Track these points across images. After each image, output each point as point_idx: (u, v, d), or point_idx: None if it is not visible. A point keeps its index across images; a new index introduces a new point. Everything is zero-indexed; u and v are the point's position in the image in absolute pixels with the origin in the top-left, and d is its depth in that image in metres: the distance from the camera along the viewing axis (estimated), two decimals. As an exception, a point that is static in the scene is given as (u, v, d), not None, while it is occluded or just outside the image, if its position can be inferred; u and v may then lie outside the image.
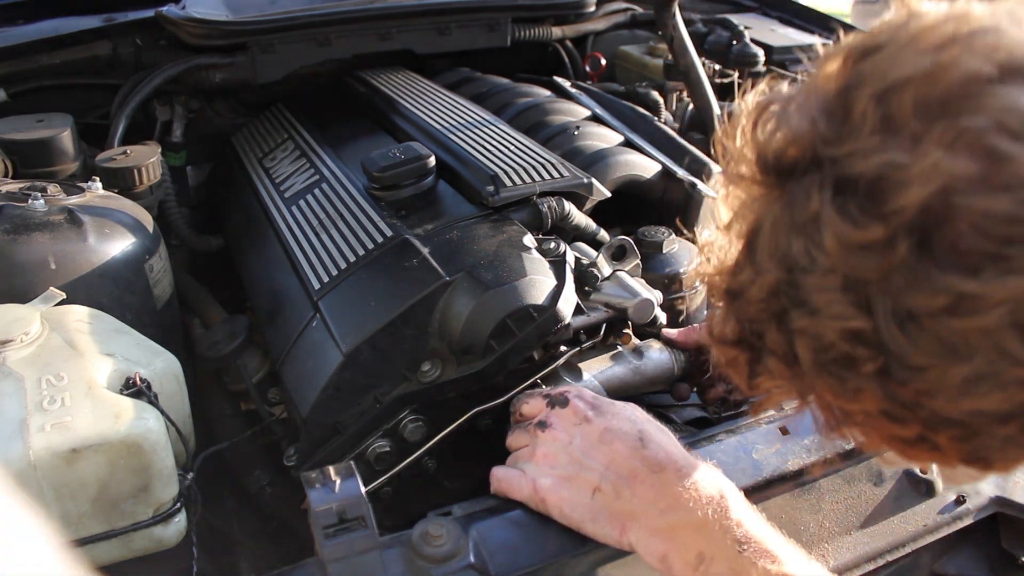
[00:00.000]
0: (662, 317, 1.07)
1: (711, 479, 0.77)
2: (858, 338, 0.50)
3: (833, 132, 0.50)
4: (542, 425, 0.85)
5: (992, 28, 0.48)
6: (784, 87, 0.58)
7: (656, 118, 1.60)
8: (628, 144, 1.42)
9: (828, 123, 0.50)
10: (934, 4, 0.53)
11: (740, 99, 0.61)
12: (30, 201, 1.05)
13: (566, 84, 1.74)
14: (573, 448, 0.82)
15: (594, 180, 1.19)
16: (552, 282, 0.99)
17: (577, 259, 1.06)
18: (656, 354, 1.10)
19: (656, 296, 1.05)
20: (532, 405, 0.91)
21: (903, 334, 0.48)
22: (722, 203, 0.61)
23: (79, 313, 0.94)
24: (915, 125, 0.47)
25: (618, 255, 1.09)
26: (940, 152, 0.45)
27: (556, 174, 1.17)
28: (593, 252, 1.10)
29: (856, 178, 0.48)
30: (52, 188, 1.11)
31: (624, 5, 2.19)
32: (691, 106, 1.77)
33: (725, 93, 1.88)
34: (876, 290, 0.48)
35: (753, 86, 0.61)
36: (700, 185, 1.33)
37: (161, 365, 0.91)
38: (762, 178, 0.55)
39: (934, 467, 0.95)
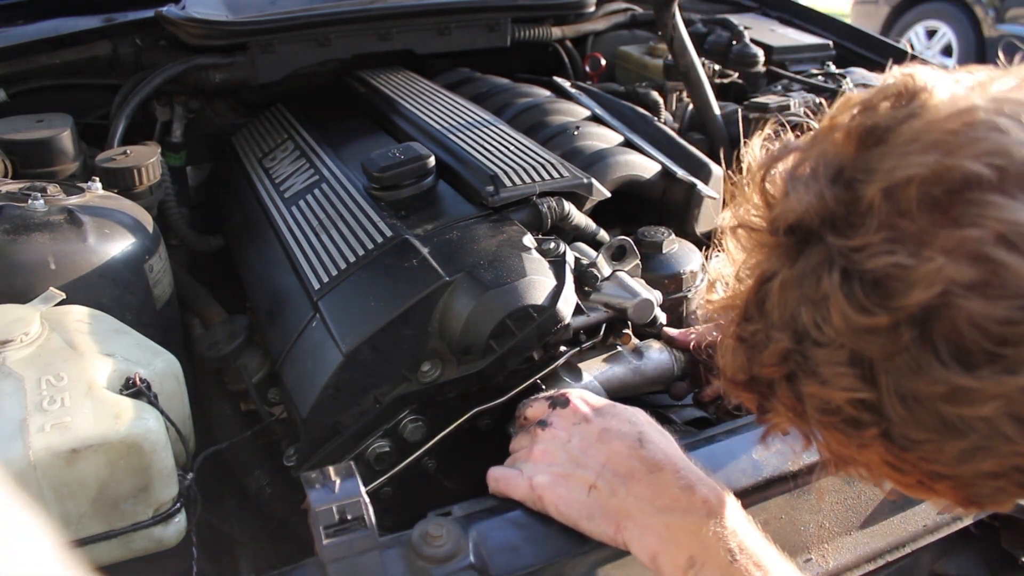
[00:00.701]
0: (662, 317, 1.07)
1: (710, 486, 0.77)
2: (863, 405, 0.54)
3: (842, 217, 0.53)
4: (542, 424, 0.86)
5: (993, 127, 0.50)
6: (792, 138, 0.62)
7: (656, 118, 1.60)
8: (628, 144, 1.42)
9: (836, 204, 0.54)
10: (939, 81, 0.55)
11: (748, 144, 0.65)
12: (30, 201, 1.05)
13: (566, 84, 1.74)
14: (571, 446, 0.82)
15: (594, 180, 1.19)
16: (552, 282, 0.99)
17: (577, 259, 1.06)
18: (656, 354, 1.10)
19: (656, 296, 1.05)
20: (535, 408, 0.91)
21: (905, 409, 0.52)
22: (731, 238, 0.65)
23: (79, 313, 0.94)
24: (921, 222, 0.50)
25: (618, 255, 1.09)
26: (943, 258, 0.49)
27: (556, 174, 1.17)
28: (593, 252, 1.10)
29: (863, 272, 0.52)
30: (52, 188, 1.11)
31: (624, 5, 2.19)
32: (691, 106, 1.77)
33: (725, 93, 1.88)
34: (881, 368, 0.52)
35: (761, 128, 0.66)
36: (700, 185, 1.33)
37: (161, 365, 0.91)
38: (770, 235, 0.59)
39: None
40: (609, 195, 1.22)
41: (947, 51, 6.14)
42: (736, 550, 0.72)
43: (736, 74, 1.92)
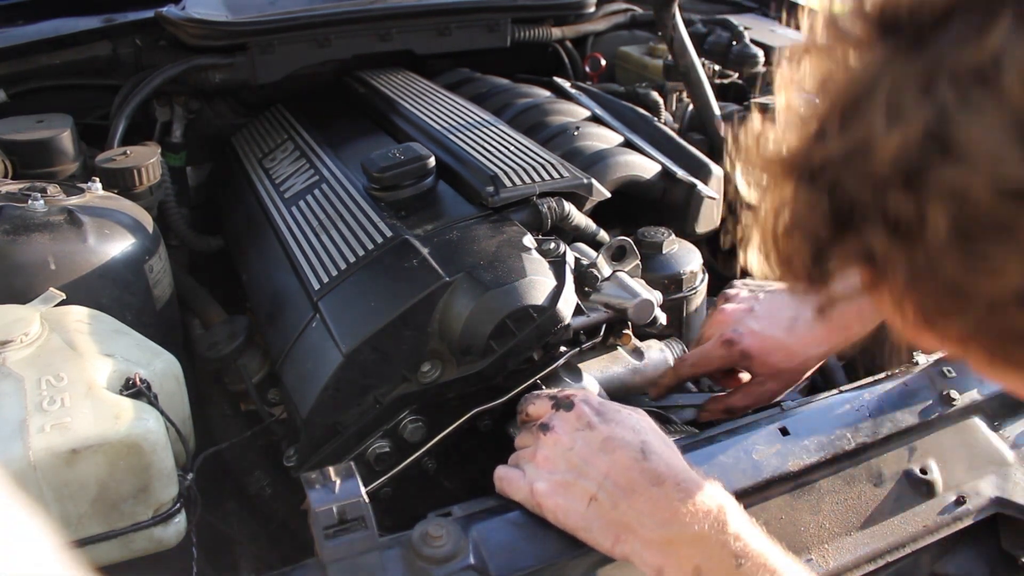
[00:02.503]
0: (662, 318, 1.07)
1: (710, 492, 0.77)
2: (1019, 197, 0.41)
3: None
4: (544, 427, 0.85)
5: None
6: None
7: (656, 118, 1.60)
8: (628, 144, 1.42)
9: None
10: None
11: None
12: (30, 202, 1.05)
13: (566, 85, 1.74)
14: (573, 454, 0.81)
15: (594, 180, 1.19)
16: (552, 283, 0.99)
17: (577, 259, 1.06)
18: (656, 355, 1.10)
19: (656, 297, 1.05)
20: (538, 406, 0.90)
21: None
22: (785, 83, 0.52)
23: (79, 314, 0.94)
24: None
25: (618, 256, 1.09)
26: None
27: (556, 174, 1.17)
28: (593, 252, 1.10)
29: None
30: (52, 189, 1.11)
31: (624, 5, 2.19)
32: (691, 106, 1.77)
33: (725, 93, 1.88)
34: None
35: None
36: (700, 185, 1.33)
37: (161, 366, 0.91)
38: (881, 39, 0.46)
39: (934, 467, 0.95)
40: (609, 195, 1.22)
41: (947, 51, 6.14)
42: (741, 554, 0.72)
43: (736, 74, 1.92)
